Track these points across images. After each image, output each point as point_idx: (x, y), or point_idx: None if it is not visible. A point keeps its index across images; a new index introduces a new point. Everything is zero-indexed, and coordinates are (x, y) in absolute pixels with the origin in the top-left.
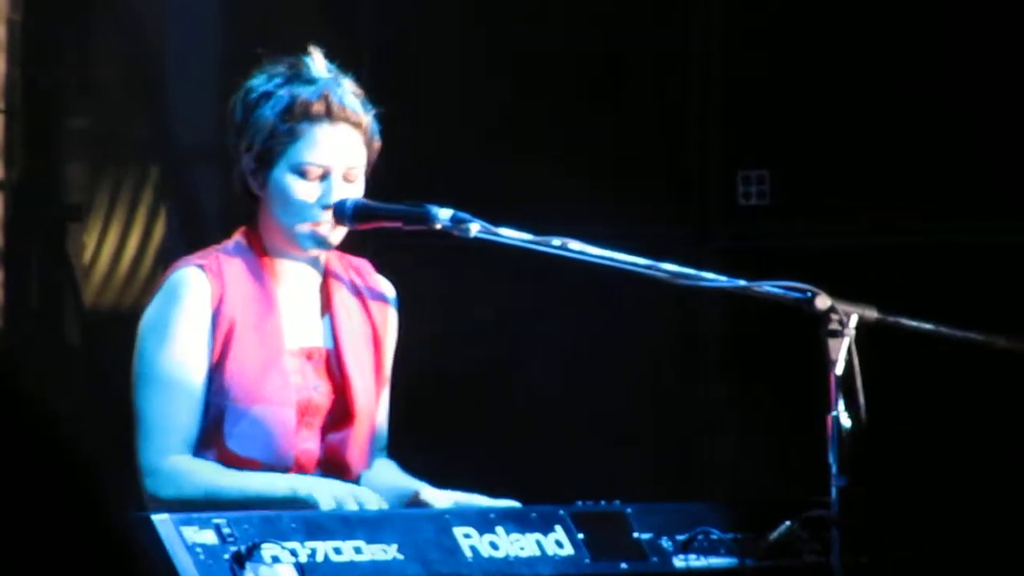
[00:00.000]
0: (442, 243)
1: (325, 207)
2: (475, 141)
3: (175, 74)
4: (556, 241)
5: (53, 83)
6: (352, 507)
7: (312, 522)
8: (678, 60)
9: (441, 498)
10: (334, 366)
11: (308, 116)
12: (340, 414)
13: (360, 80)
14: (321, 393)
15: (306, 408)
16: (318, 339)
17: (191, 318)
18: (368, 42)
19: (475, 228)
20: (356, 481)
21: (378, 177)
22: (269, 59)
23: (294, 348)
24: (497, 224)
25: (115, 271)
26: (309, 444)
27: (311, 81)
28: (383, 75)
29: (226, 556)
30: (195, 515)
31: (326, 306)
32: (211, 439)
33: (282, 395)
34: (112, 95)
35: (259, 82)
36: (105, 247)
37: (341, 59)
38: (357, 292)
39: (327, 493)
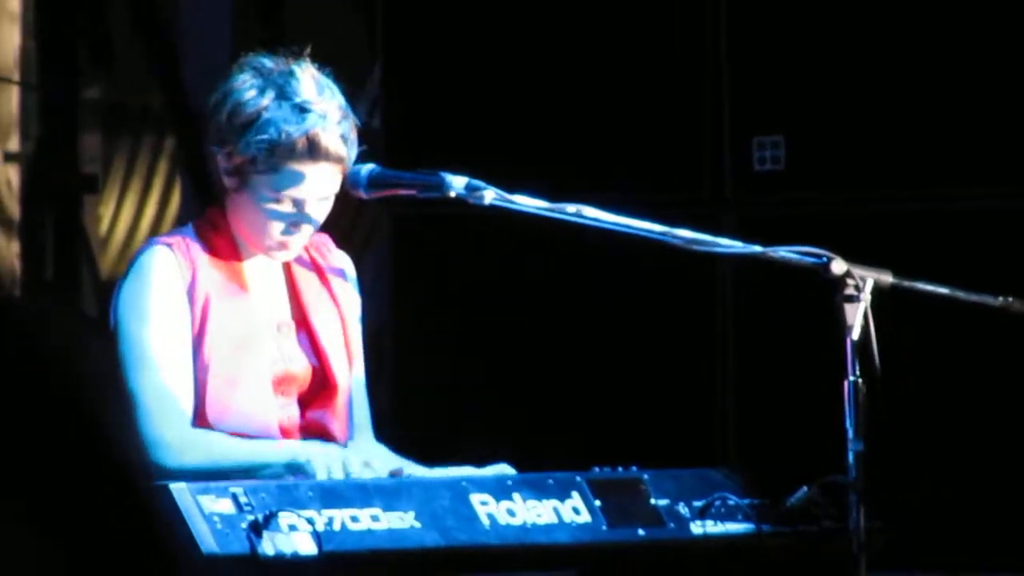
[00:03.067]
0: (455, 211)
1: (294, 226)
2: (489, 109)
3: (189, 44)
4: (571, 208)
5: (67, 55)
6: (337, 475)
7: (329, 490)
8: (691, 27)
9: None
10: (306, 338)
11: (291, 155)
12: (319, 386)
13: (373, 54)
14: (299, 364)
15: (283, 380)
16: (287, 313)
17: (167, 294)
18: (381, 17)
19: (490, 195)
20: None
21: (390, 146)
22: (257, 57)
23: (268, 322)
24: (512, 192)
25: (131, 242)
26: (289, 417)
27: (299, 109)
28: (396, 51)
29: (243, 525)
30: (212, 484)
31: (290, 283)
32: (197, 416)
33: (260, 368)
34: (126, 66)
35: (251, 92)
36: (121, 218)
37: (353, 39)
38: (318, 269)
39: (325, 458)
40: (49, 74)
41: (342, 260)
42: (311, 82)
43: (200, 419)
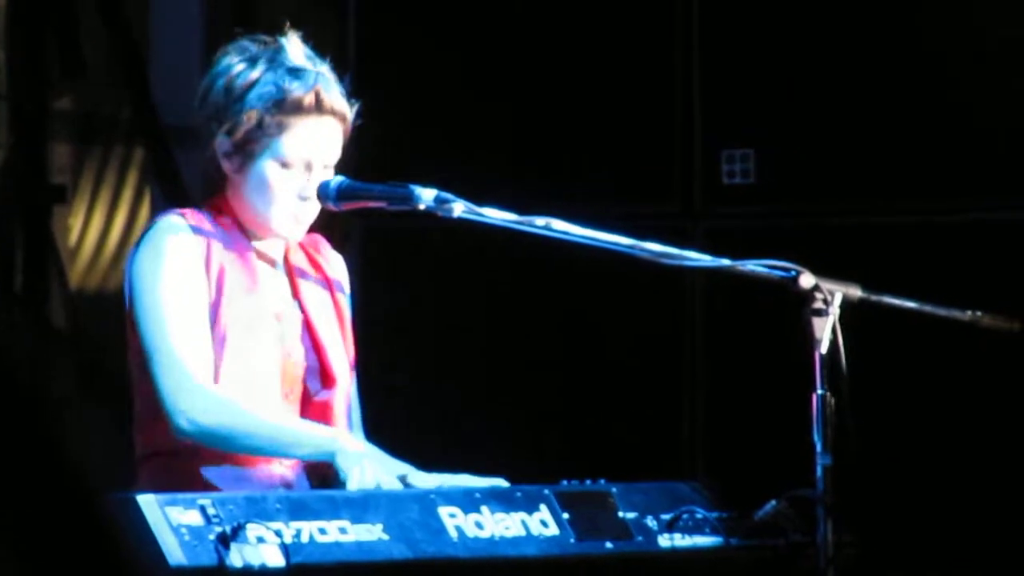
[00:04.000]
0: (428, 224)
1: (303, 198)
2: (459, 121)
3: (159, 55)
4: (540, 221)
5: (37, 65)
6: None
7: (297, 502)
8: (662, 40)
9: (429, 481)
10: (306, 332)
11: (299, 110)
12: (319, 380)
13: (345, 59)
14: (295, 361)
15: (283, 374)
16: (288, 304)
17: (183, 255)
18: (353, 21)
19: (459, 208)
20: None
21: (360, 158)
22: (244, 37)
23: (271, 311)
24: (481, 205)
25: (100, 253)
26: (291, 411)
27: (296, 71)
28: (368, 54)
29: (211, 536)
30: (180, 496)
31: (290, 277)
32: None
33: (269, 353)
34: (97, 77)
35: (240, 65)
36: (91, 229)
37: (326, 40)
38: (316, 266)
39: (355, 449)
40: (19, 84)
41: (337, 260)
42: (299, 50)
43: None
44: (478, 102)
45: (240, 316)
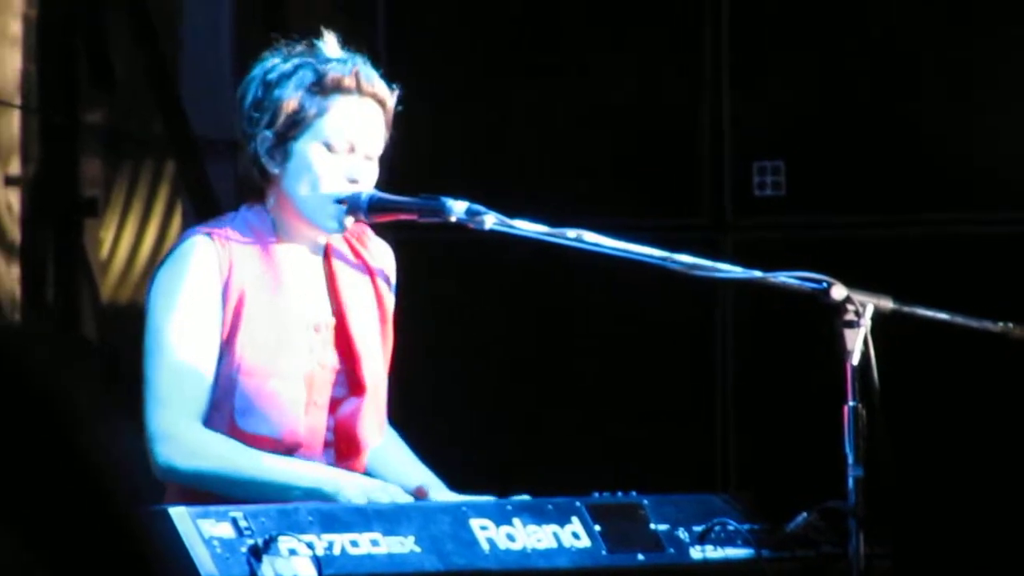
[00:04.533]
0: (458, 236)
1: (352, 181)
2: (488, 134)
3: (189, 68)
4: (571, 233)
5: (69, 79)
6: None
7: (329, 515)
8: (692, 51)
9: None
10: (341, 339)
11: (339, 89)
12: (349, 388)
13: (374, 68)
14: (325, 368)
15: (312, 382)
16: (324, 312)
17: (201, 286)
18: (384, 33)
19: (490, 220)
20: (364, 456)
21: (392, 169)
22: (282, 43)
23: (302, 321)
24: (512, 217)
25: (132, 266)
26: (318, 419)
27: (334, 58)
28: (398, 65)
29: (243, 549)
30: (211, 508)
31: (330, 278)
32: (222, 414)
33: (291, 368)
34: (128, 90)
35: (276, 62)
36: (122, 242)
37: (355, 50)
38: (359, 259)
39: (356, 489)
40: (50, 98)
41: (383, 249)
42: (335, 44)
43: (225, 419)
44: (507, 113)
45: (261, 336)
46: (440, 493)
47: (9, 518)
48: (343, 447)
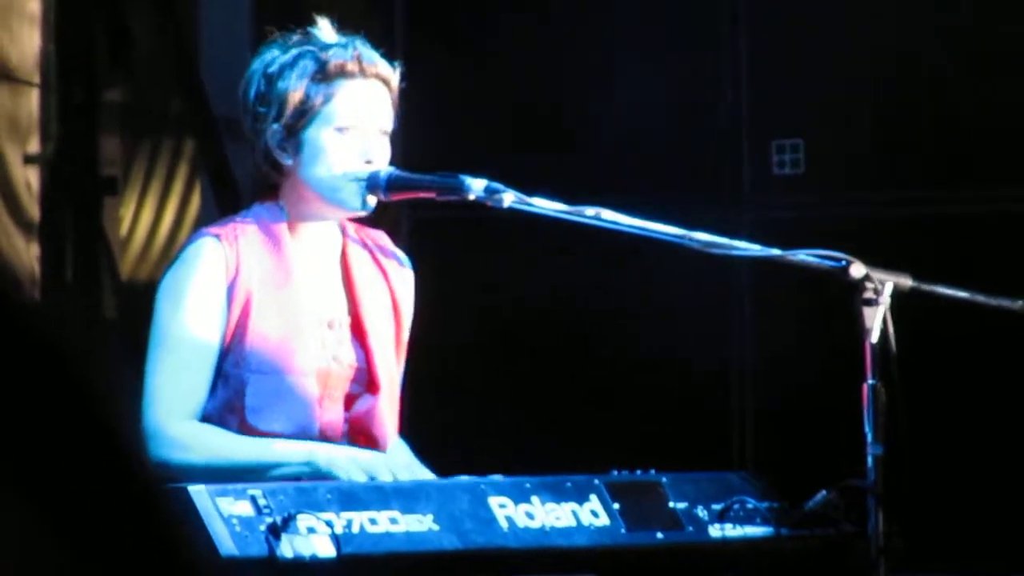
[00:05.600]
0: (477, 215)
1: (367, 161)
2: (507, 111)
3: (208, 45)
4: (590, 211)
5: (87, 57)
6: (385, 478)
7: (348, 493)
8: (710, 30)
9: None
10: (355, 336)
11: (343, 74)
12: (363, 385)
13: (393, 53)
14: (342, 363)
15: (327, 378)
16: (339, 308)
17: (206, 287)
18: (401, 16)
19: (509, 198)
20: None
21: (409, 151)
22: (277, 34)
23: (314, 317)
24: (530, 195)
25: (151, 244)
26: (333, 415)
27: (333, 43)
28: (415, 48)
29: (262, 527)
30: (230, 486)
31: (346, 275)
32: (232, 412)
33: (303, 365)
34: (146, 69)
35: (275, 54)
36: (141, 220)
37: (373, 34)
38: (376, 261)
39: (351, 464)
40: (69, 77)
41: (401, 254)
42: (331, 29)
43: (235, 417)
44: (525, 95)
45: (272, 334)
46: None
47: (30, 493)
48: (360, 444)
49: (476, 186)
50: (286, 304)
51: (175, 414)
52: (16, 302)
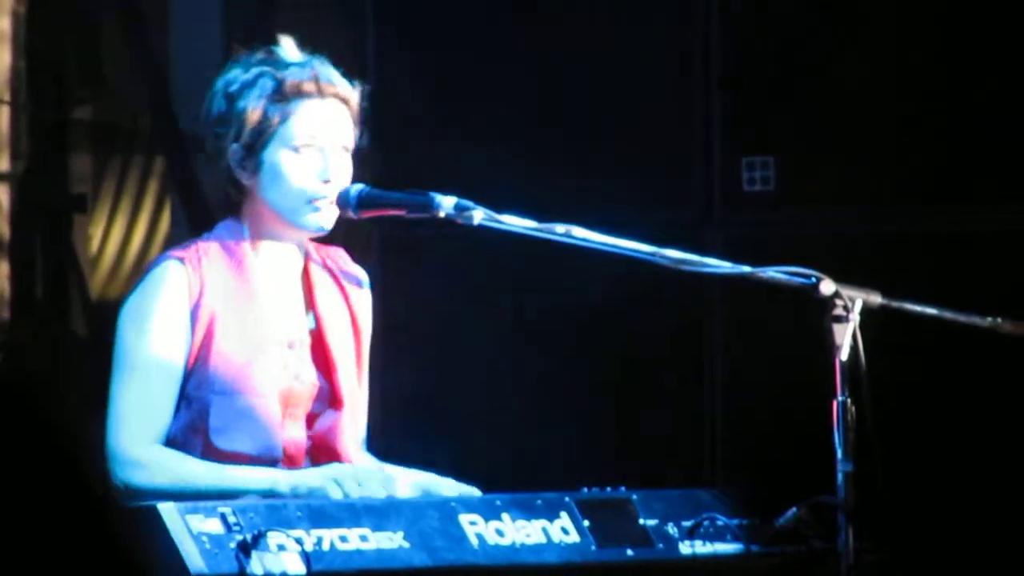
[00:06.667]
0: (446, 231)
1: (325, 181)
2: (478, 128)
3: (179, 63)
4: (560, 228)
5: (57, 75)
6: (352, 488)
7: (318, 510)
8: (682, 46)
9: (403, 478)
10: (318, 354)
11: (299, 94)
12: (326, 402)
13: (364, 67)
14: (304, 382)
15: (288, 397)
16: (300, 327)
17: (169, 311)
18: (372, 29)
19: (479, 215)
20: None
21: (378, 166)
22: (241, 53)
23: (276, 337)
24: (500, 212)
25: (121, 262)
26: (295, 434)
27: (292, 62)
28: (386, 63)
29: (232, 545)
30: (200, 504)
31: (307, 293)
32: (196, 434)
33: (266, 386)
34: (116, 87)
35: (237, 73)
36: (111, 238)
37: (344, 50)
38: (335, 279)
39: (317, 479)
40: (39, 94)
41: (359, 273)
42: (292, 47)
43: (199, 440)
44: (496, 108)
45: (234, 356)
46: (400, 480)
47: None
48: (323, 462)
49: (446, 203)
50: (249, 325)
51: (140, 438)
52: None
